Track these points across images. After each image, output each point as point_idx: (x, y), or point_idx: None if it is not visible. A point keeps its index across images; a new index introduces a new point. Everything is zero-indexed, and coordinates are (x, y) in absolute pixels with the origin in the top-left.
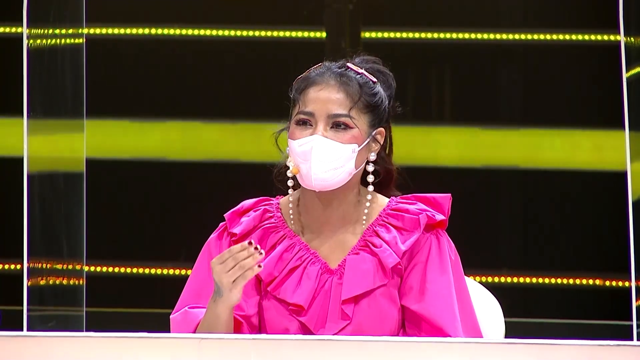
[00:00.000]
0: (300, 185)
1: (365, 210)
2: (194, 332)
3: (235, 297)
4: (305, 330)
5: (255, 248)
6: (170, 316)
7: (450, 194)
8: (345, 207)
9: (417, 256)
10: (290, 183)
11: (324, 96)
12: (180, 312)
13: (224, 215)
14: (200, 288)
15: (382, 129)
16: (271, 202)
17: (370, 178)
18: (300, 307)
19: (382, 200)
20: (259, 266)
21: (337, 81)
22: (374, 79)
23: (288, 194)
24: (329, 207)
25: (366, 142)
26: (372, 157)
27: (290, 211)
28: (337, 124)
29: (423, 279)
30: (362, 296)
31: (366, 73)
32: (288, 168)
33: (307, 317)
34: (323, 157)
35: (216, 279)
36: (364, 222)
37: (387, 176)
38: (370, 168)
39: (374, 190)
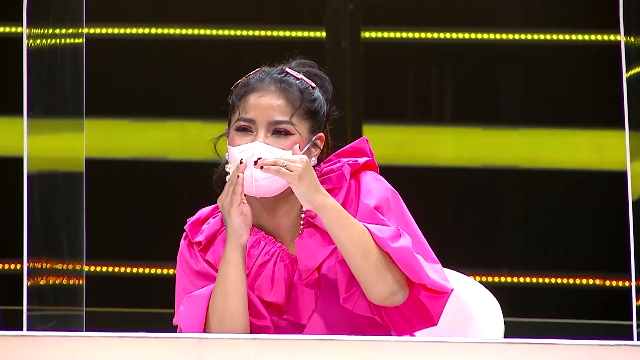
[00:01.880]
0: None
1: None
2: (207, 303)
3: (234, 220)
4: (287, 322)
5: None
6: (174, 321)
7: (365, 137)
8: (290, 206)
9: (349, 207)
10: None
11: (265, 103)
12: (182, 304)
13: (185, 227)
14: (192, 287)
15: (322, 134)
16: None
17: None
18: (279, 306)
19: None
20: (240, 172)
21: (277, 87)
22: (313, 84)
23: None
24: (275, 214)
25: (306, 147)
26: (313, 161)
27: None
28: (278, 131)
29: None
30: (320, 267)
31: (305, 78)
32: (228, 174)
33: (285, 314)
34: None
35: (221, 210)
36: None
37: None
38: None
39: None
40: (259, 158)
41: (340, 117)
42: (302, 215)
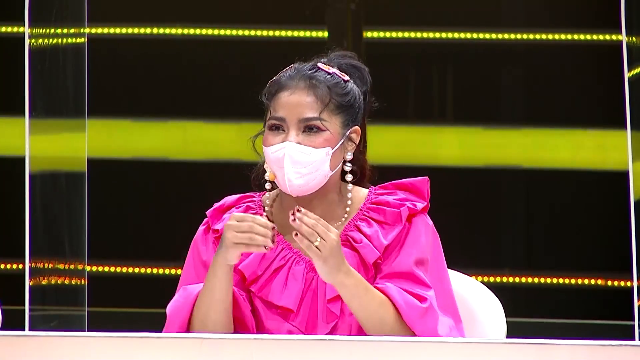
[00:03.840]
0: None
1: (347, 208)
2: (193, 305)
3: (230, 255)
4: (295, 332)
5: (273, 235)
6: (167, 308)
7: (427, 177)
8: (326, 206)
9: (396, 246)
10: (268, 186)
11: (294, 100)
12: (178, 293)
13: (206, 212)
14: (196, 277)
15: (357, 128)
16: (253, 198)
17: (349, 177)
18: (289, 310)
19: (362, 193)
20: (265, 247)
21: (306, 84)
22: (346, 78)
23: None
24: (307, 207)
25: (340, 142)
26: (349, 156)
27: (272, 209)
28: (308, 128)
29: (391, 262)
30: None
31: (337, 72)
32: (265, 172)
33: (297, 321)
34: (296, 164)
35: (225, 232)
36: (345, 217)
37: (361, 173)
38: (348, 168)
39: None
40: (299, 210)
41: None
42: (344, 222)
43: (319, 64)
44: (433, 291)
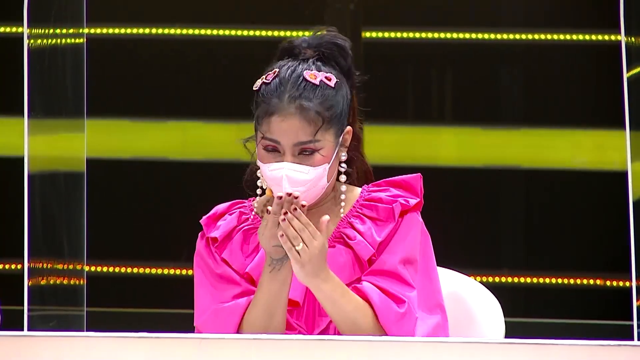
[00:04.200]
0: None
1: (342, 204)
2: (240, 322)
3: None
4: (299, 330)
5: (296, 197)
6: (195, 324)
7: (420, 173)
8: (323, 210)
9: (389, 241)
10: (259, 191)
11: (286, 126)
12: (208, 313)
13: (200, 221)
14: (215, 290)
15: (349, 128)
16: (244, 204)
17: (343, 178)
18: (296, 302)
19: (355, 191)
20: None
21: (296, 108)
22: (332, 83)
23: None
24: (303, 208)
25: (335, 153)
26: (344, 157)
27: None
28: (304, 150)
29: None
30: None
31: (324, 78)
32: (258, 178)
33: (302, 317)
34: (294, 183)
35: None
36: (341, 213)
37: (357, 165)
38: (342, 169)
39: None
40: (295, 209)
41: None
42: (338, 220)
43: (305, 74)
44: (415, 292)
